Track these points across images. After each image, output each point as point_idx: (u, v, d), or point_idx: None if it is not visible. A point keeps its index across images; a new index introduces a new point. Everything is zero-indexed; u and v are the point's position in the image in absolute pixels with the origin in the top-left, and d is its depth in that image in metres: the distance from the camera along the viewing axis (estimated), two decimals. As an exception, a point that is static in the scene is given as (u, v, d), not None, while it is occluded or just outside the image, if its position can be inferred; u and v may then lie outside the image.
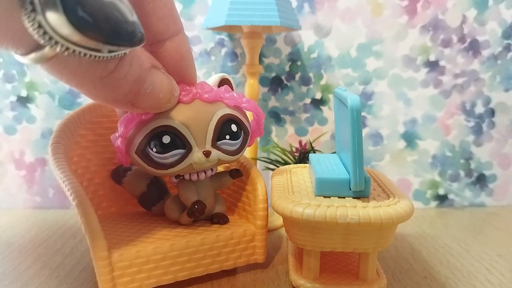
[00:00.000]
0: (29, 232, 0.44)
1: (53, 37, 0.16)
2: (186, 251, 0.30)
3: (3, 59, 0.49)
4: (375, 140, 0.53)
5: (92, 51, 0.17)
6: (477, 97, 0.52)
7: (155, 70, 0.24)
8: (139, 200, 0.36)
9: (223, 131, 0.29)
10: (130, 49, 0.20)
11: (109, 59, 0.19)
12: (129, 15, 0.18)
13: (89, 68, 0.19)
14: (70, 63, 0.18)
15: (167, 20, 0.24)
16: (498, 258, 0.38)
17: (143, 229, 0.33)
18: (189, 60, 0.27)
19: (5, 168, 0.52)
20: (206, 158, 0.29)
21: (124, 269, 0.28)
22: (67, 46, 0.16)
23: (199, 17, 0.49)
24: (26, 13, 0.15)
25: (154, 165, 0.29)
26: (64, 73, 0.19)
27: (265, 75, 0.52)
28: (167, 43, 0.25)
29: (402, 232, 0.44)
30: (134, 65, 0.21)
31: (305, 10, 0.50)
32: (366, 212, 0.26)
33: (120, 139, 0.29)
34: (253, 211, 0.33)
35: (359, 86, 0.51)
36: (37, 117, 0.51)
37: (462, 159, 0.53)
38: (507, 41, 0.50)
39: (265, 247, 0.33)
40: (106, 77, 0.20)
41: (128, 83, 0.21)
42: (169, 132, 0.28)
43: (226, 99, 0.30)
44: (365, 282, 0.30)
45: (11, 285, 0.32)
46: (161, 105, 0.26)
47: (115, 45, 0.18)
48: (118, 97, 0.22)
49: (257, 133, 0.33)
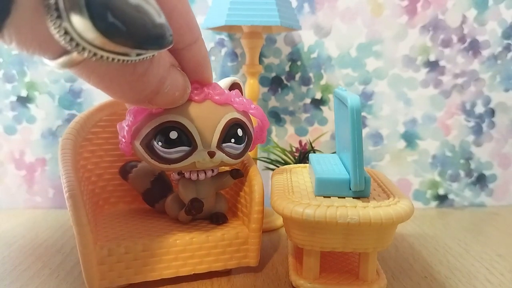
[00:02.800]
0: (29, 232, 0.44)
1: (80, 43, 0.16)
2: (174, 249, 0.30)
3: (3, 59, 0.49)
4: (375, 140, 0.53)
5: (120, 56, 0.17)
6: (477, 97, 0.52)
7: (173, 69, 0.24)
8: (144, 197, 0.37)
9: (229, 134, 0.29)
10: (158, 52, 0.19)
11: (137, 62, 0.19)
12: (156, 17, 0.18)
13: (118, 72, 0.19)
14: (98, 67, 0.18)
15: (183, 31, 0.23)
16: (498, 258, 0.38)
17: (138, 224, 0.34)
18: (205, 66, 0.27)
19: (5, 168, 0.52)
20: (210, 159, 0.29)
21: (111, 263, 0.28)
22: (95, 52, 0.16)
23: (199, 17, 0.49)
24: (51, 20, 0.15)
25: (157, 158, 0.29)
26: (92, 76, 0.19)
27: (265, 75, 0.52)
28: (184, 52, 0.25)
29: (402, 232, 0.44)
30: (160, 67, 0.21)
31: (305, 10, 0.50)
32: (366, 212, 0.26)
33: (127, 128, 0.29)
34: (248, 214, 0.33)
35: (359, 86, 0.51)
36: (37, 117, 0.51)
37: (462, 159, 0.53)
38: (507, 41, 0.50)
39: (258, 251, 0.33)
40: (136, 81, 0.20)
41: (153, 84, 0.22)
42: (177, 128, 0.28)
43: (236, 103, 0.30)
44: (365, 282, 0.30)
45: (11, 285, 0.32)
46: (175, 102, 0.26)
47: (144, 49, 0.18)
48: (141, 97, 0.22)
49: (259, 139, 0.34)
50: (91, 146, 0.36)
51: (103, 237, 0.30)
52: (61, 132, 0.51)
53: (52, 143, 0.52)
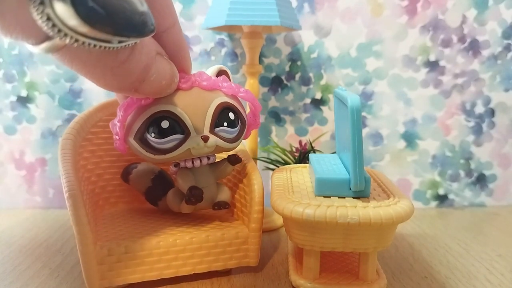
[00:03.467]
0: (29, 232, 0.44)
1: (62, 30, 0.16)
2: (174, 249, 0.30)
3: (3, 59, 0.49)
4: (375, 140, 0.53)
5: (102, 42, 0.17)
6: (477, 97, 0.52)
7: (159, 57, 0.24)
8: (146, 196, 0.37)
9: (221, 118, 0.30)
10: (141, 39, 0.20)
11: (119, 49, 0.19)
12: (139, 5, 0.18)
13: (100, 59, 0.19)
14: (80, 53, 0.19)
15: (164, 13, 0.24)
16: (498, 258, 0.38)
17: (138, 224, 0.34)
18: (186, 51, 0.27)
19: (5, 168, 0.52)
20: (205, 143, 0.29)
21: (110, 263, 0.28)
22: (76, 38, 0.16)
23: (199, 17, 0.49)
24: (34, 6, 0.15)
25: (152, 150, 0.29)
26: (74, 62, 0.19)
27: (265, 75, 0.52)
28: (164, 34, 0.25)
29: (402, 232, 0.44)
30: (143, 54, 0.21)
31: (305, 10, 0.50)
32: (366, 212, 0.26)
33: (119, 124, 0.29)
34: (248, 213, 0.33)
35: (359, 86, 0.51)
36: (37, 117, 0.51)
37: (462, 159, 0.53)
38: (507, 41, 0.50)
39: (258, 250, 0.33)
40: (117, 67, 0.20)
41: (136, 72, 0.22)
42: (168, 117, 0.28)
43: (224, 88, 0.30)
44: (365, 282, 0.30)
45: (11, 285, 0.32)
46: (163, 91, 0.26)
47: (125, 36, 0.18)
48: (125, 85, 0.22)
49: (253, 125, 0.33)
50: (91, 146, 0.37)
51: (103, 237, 0.30)
52: (61, 132, 0.51)
53: (52, 143, 0.52)
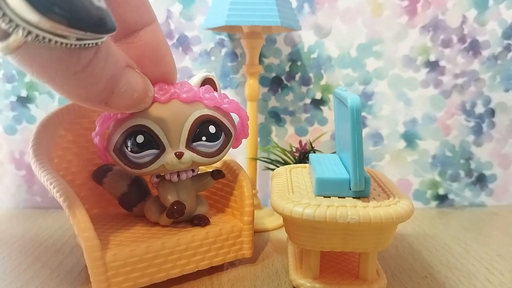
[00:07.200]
0: (29, 232, 0.44)
1: (13, 19, 0.15)
2: (178, 249, 0.30)
3: (3, 59, 0.49)
4: (375, 140, 0.53)
5: (58, 37, 0.17)
6: (477, 97, 0.52)
7: (130, 70, 0.23)
8: (120, 201, 0.36)
9: (200, 132, 0.29)
10: (100, 39, 0.19)
11: (81, 51, 0.18)
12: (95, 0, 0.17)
13: (61, 61, 0.18)
14: (40, 54, 0.18)
15: (140, 10, 0.24)
16: (498, 258, 0.38)
17: (129, 229, 0.33)
18: (166, 49, 0.27)
19: (5, 168, 0.52)
20: (178, 160, 0.28)
21: (117, 268, 0.28)
22: (29, 29, 0.16)
23: (199, 17, 0.49)
24: None
25: (130, 164, 0.29)
26: (34, 65, 0.18)
27: (265, 75, 0.52)
28: (142, 32, 0.25)
29: (402, 232, 0.44)
30: (109, 62, 0.21)
31: (305, 10, 0.50)
32: (366, 212, 0.26)
33: (98, 137, 0.29)
34: (239, 208, 0.34)
35: (359, 86, 0.51)
36: (37, 117, 0.51)
37: (462, 159, 0.53)
38: (507, 41, 0.50)
39: (252, 242, 0.34)
40: (80, 72, 0.19)
41: (102, 80, 0.21)
42: (144, 132, 0.27)
43: (206, 100, 0.29)
44: (365, 282, 0.30)
45: (11, 285, 0.32)
46: (136, 105, 0.25)
47: (80, 30, 0.17)
48: (91, 95, 0.21)
49: (242, 134, 0.33)
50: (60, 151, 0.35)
51: (103, 244, 0.29)
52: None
53: (52, 143, 0.52)
